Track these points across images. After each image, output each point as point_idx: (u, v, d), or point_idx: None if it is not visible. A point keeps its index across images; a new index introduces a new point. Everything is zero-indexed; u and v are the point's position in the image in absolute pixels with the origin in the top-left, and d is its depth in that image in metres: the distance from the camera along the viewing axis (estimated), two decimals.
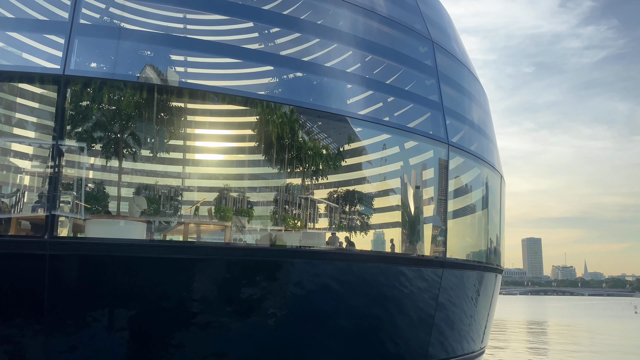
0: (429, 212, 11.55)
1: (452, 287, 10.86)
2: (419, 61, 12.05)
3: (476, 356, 12.60)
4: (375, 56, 11.28)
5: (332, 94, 10.43)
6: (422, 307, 10.18)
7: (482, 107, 14.24)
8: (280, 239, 9.70)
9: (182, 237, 8.97)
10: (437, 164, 11.35)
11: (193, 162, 12.49)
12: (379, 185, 11.68)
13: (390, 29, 11.38)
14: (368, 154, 11.35)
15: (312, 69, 10.28)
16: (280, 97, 9.88)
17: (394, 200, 11.46)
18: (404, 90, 11.72)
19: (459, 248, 11.95)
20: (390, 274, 9.76)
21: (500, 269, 13.84)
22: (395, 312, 9.80)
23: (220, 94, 9.32)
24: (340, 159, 10.71)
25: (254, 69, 10.67)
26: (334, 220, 11.09)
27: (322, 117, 10.11)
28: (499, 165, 14.33)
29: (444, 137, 11.07)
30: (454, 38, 13.98)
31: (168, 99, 9.20)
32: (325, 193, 11.29)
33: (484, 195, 13.37)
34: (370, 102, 11.06)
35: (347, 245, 10.51)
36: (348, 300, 9.11)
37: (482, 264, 12.64)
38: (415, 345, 10.31)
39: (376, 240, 11.27)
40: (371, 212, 11.22)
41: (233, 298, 8.07)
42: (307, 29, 10.52)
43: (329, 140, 10.91)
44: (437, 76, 11.64)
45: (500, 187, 14.16)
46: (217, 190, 10.46)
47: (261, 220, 10.53)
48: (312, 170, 10.71)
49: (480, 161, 12.62)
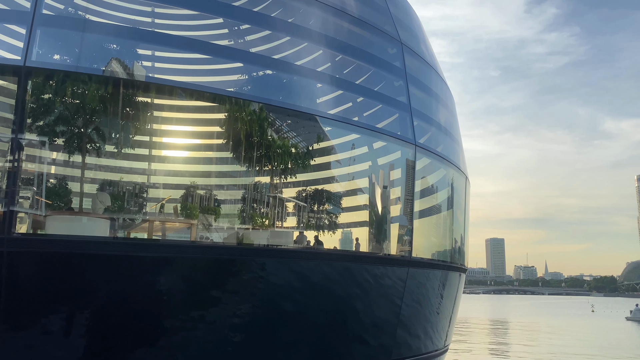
0: (396, 211, 11.68)
1: (417, 286, 11.02)
2: (388, 62, 12.17)
3: (439, 354, 12.81)
4: (345, 56, 11.33)
5: (301, 93, 10.41)
6: (387, 306, 10.30)
7: (449, 109, 14.49)
8: (247, 237, 9.63)
9: (146, 234, 8.81)
10: (405, 164, 11.49)
11: (159, 158, 12.27)
12: (347, 184, 11.73)
13: (360, 29, 11.45)
14: (337, 154, 11.38)
15: (282, 67, 10.25)
16: (250, 94, 9.80)
17: (362, 199, 11.54)
18: (373, 91, 11.81)
19: (424, 247, 12.13)
20: (357, 273, 9.83)
21: (464, 268, 14.11)
22: (361, 311, 9.88)
23: (188, 90, 9.19)
24: (309, 158, 10.70)
25: (223, 66, 10.56)
26: (302, 219, 11.08)
27: (291, 116, 10.09)
28: (464, 166, 14.61)
29: (411, 138, 11.22)
30: (423, 40, 14.17)
31: (134, 93, 9.01)
32: (294, 192, 11.27)
33: (450, 196, 13.61)
34: (339, 102, 11.10)
35: (316, 244, 10.52)
36: (315, 299, 9.13)
37: (446, 263, 12.87)
38: (380, 343, 10.42)
39: (344, 239, 11.32)
40: (339, 211, 11.26)
41: (199, 297, 7.97)
42: (278, 26, 10.48)
43: (298, 139, 10.89)
44: (406, 78, 11.78)
45: (465, 188, 14.44)
46: (183, 187, 10.31)
47: (228, 218, 10.42)
48: (280, 168, 10.66)
49: (446, 162, 12.84)
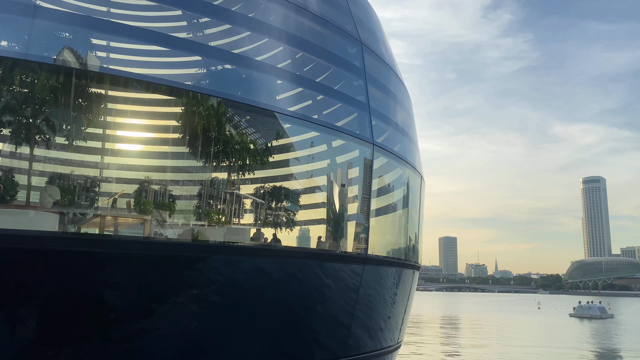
0: (353, 210, 11.79)
1: (372, 282, 11.17)
2: (348, 62, 12.26)
3: (393, 350, 13.04)
4: (305, 53, 11.34)
5: (261, 89, 10.35)
6: (343, 303, 10.39)
7: (407, 109, 14.74)
8: (203, 234, 9.50)
9: (97, 230, 8.56)
10: (363, 163, 11.61)
11: (112, 151, 11.91)
12: (305, 182, 11.74)
13: (321, 27, 11.48)
14: (296, 151, 11.37)
15: (242, 61, 10.15)
16: (208, 88, 9.66)
17: (320, 197, 11.58)
18: (332, 90, 11.87)
19: (380, 245, 12.32)
20: (313, 270, 9.87)
21: (417, 265, 14.40)
22: (318, 308, 9.93)
23: (143, 82, 8.97)
24: (267, 155, 10.64)
25: (180, 58, 10.35)
26: (260, 216, 11.01)
27: (250, 112, 10.01)
28: (420, 166, 14.91)
29: (369, 137, 11.35)
30: (382, 41, 14.35)
31: (87, 84, 8.72)
32: (252, 188, 11.18)
33: (405, 195, 13.85)
34: (299, 99, 11.10)
35: (273, 241, 10.49)
36: (271, 297, 9.11)
37: (401, 260, 13.10)
38: (335, 340, 10.50)
39: (302, 237, 11.34)
40: (297, 208, 11.26)
41: (152, 295, 7.82)
42: (238, 21, 10.37)
43: (256, 135, 10.81)
44: (365, 77, 11.90)
45: (421, 188, 14.73)
46: (137, 182, 10.07)
47: (183, 214, 10.23)
48: (238, 165, 10.55)
49: (402, 162, 13.06)
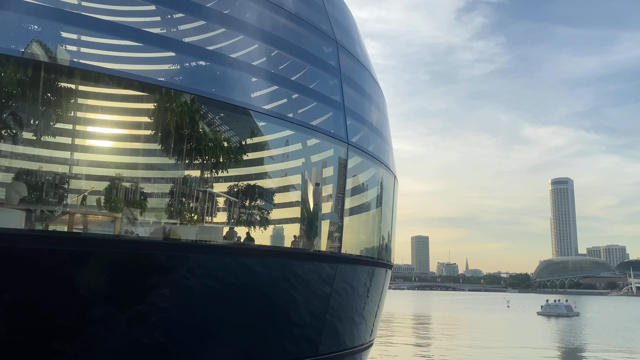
0: (327, 209, 11.81)
1: (346, 281, 11.22)
2: (324, 61, 12.27)
3: (365, 348, 13.12)
4: (280, 52, 11.30)
5: (235, 86, 10.26)
6: (316, 301, 10.40)
7: (381, 110, 14.84)
8: (174, 232, 9.36)
9: (66, 227, 8.36)
10: (337, 162, 11.64)
11: (82, 148, 11.63)
12: (280, 181, 11.70)
13: (296, 26, 11.46)
14: (270, 149, 11.32)
15: (216, 58, 10.05)
16: (181, 84, 9.53)
17: (294, 196, 11.56)
18: (308, 88, 11.86)
19: (353, 244, 12.37)
20: (287, 269, 9.85)
21: (390, 264, 14.52)
22: (291, 306, 9.91)
23: (115, 77, 8.78)
24: (241, 153, 10.56)
25: (154, 54, 10.17)
26: (233, 214, 10.93)
27: (224, 109, 9.91)
28: (394, 166, 15.04)
29: (344, 136, 11.38)
30: (358, 41, 14.40)
31: (56, 78, 8.50)
32: (225, 187, 11.08)
33: (379, 195, 13.95)
34: (274, 98, 11.05)
35: (246, 240, 10.42)
36: (244, 296, 9.05)
37: (374, 259, 13.19)
38: (308, 338, 10.51)
39: (275, 236, 11.29)
40: (271, 207, 11.21)
41: (122, 294, 7.68)
42: (213, 17, 10.26)
43: (231, 133, 10.72)
44: (340, 77, 11.93)
45: (394, 187, 14.86)
46: (107, 179, 9.87)
47: (155, 212, 10.08)
48: (212, 162, 10.45)
49: (377, 162, 13.15)
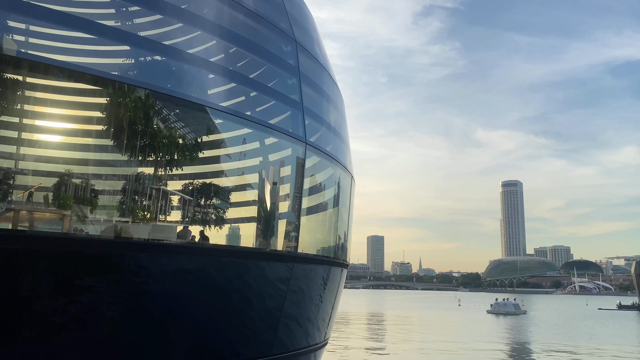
0: (284, 208, 11.77)
1: (302, 281, 11.22)
2: (283, 59, 12.22)
3: (319, 348, 13.17)
4: (239, 49, 11.17)
5: (192, 82, 10.08)
6: (271, 301, 10.36)
7: (339, 110, 14.92)
8: (126, 230, 9.10)
9: (11, 225, 7.98)
10: (295, 161, 11.62)
11: (30, 142, 11.12)
12: (236, 179, 11.57)
13: (255, 23, 11.36)
14: (227, 147, 11.17)
15: (173, 53, 9.83)
16: (136, 79, 9.28)
17: (251, 195, 11.45)
18: (266, 87, 11.79)
19: (310, 244, 12.39)
20: (242, 269, 9.76)
21: (346, 264, 14.63)
22: (244, 306, 9.83)
23: (66, 70, 8.45)
24: (197, 150, 10.36)
25: (107, 47, 9.84)
26: (188, 213, 10.72)
27: (180, 105, 9.71)
28: (351, 166, 15.16)
29: (302, 136, 11.38)
30: (317, 41, 14.43)
31: (2, 69, 8.10)
32: (180, 185, 10.85)
33: (336, 194, 14.03)
34: (232, 95, 10.92)
35: (201, 239, 10.26)
36: (197, 296, 8.91)
37: (330, 259, 13.25)
38: (263, 338, 10.45)
39: (231, 235, 11.16)
40: (227, 206, 11.07)
41: (70, 294, 7.41)
42: (169, 11, 10.03)
43: (186, 130, 10.51)
44: (299, 76, 11.92)
45: (351, 187, 14.98)
46: (56, 175, 9.48)
47: (106, 210, 9.74)
48: (166, 160, 10.21)
49: (334, 162, 13.21)
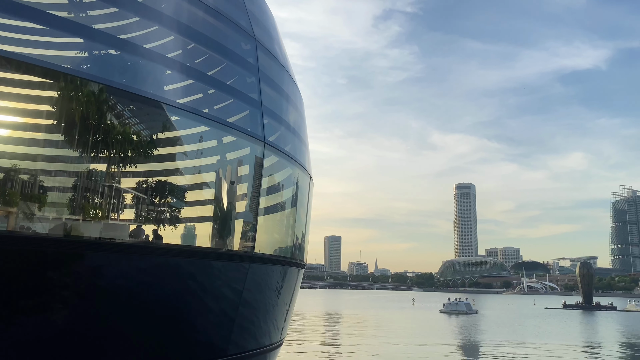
0: (241, 208, 11.68)
1: (258, 281, 11.16)
2: (242, 57, 12.11)
3: (275, 348, 13.14)
4: (197, 45, 11.00)
5: (148, 78, 9.85)
6: (226, 301, 10.26)
7: (299, 110, 14.93)
8: (76, 229, 8.80)
9: None
10: (253, 161, 11.54)
11: None
12: (192, 178, 11.39)
13: (214, 20, 11.22)
14: (183, 145, 10.98)
15: (128, 48, 9.58)
16: (89, 73, 8.99)
17: (208, 194, 11.30)
18: (225, 84, 11.65)
19: (267, 244, 12.33)
20: (197, 269, 9.62)
21: (303, 264, 14.65)
22: (199, 307, 9.70)
23: (14, 61, 8.09)
24: (152, 147, 10.12)
25: (59, 39, 9.50)
26: (141, 211, 10.47)
27: (135, 101, 9.46)
28: (310, 166, 15.19)
29: (261, 135, 11.31)
30: (277, 40, 14.39)
31: None
32: (134, 182, 10.58)
33: (294, 195, 14.02)
34: (189, 92, 10.73)
35: (154, 238, 10.04)
36: (151, 296, 8.73)
37: (287, 259, 13.23)
38: (217, 338, 10.34)
39: (186, 234, 10.98)
40: (182, 205, 10.88)
41: (16, 294, 7.11)
42: (125, 4, 9.77)
43: (141, 126, 10.25)
44: (258, 75, 11.85)
45: (309, 188, 15.01)
46: (2, 170, 9.08)
47: (55, 207, 9.40)
48: (119, 156, 9.93)
49: (293, 161, 13.20)
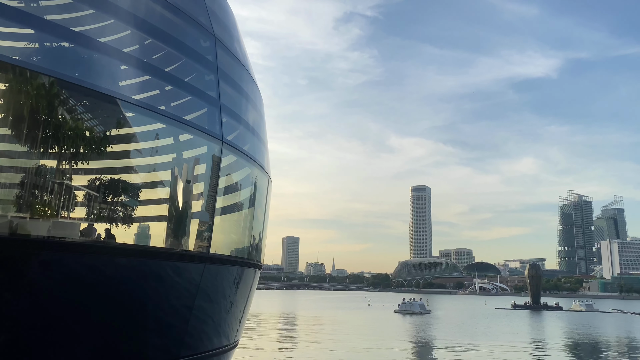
0: (197, 207, 11.52)
1: (213, 282, 11.04)
2: (200, 55, 11.95)
3: (229, 349, 13.03)
4: (155, 41, 10.78)
5: (103, 72, 9.57)
6: (181, 302, 10.10)
7: (258, 109, 14.85)
8: (23, 227, 8.44)
9: None
10: (211, 160, 11.40)
11: None
12: (147, 176, 11.14)
13: (173, 16, 11.02)
14: (138, 142, 10.73)
15: (82, 41, 9.28)
16: (40, 65, 8.66)
17: (163, 193, 11.09)
18: (182, 81, 11.46)
19: (223, 244, 12.20)
20: (150, 269, 9.43)
21: (260, 264, 14.58)
22: (153, 307, 9.51)
23: None
24: (105, 144, 9.85)
25: (8, 29, 9.10)
26: (93, 210, 10.15)
27: (89, 96, 9.18)
28: (269, 166, 15.14)
29: (219, 134, 11.19)
30: (237, 39, 14.27)
31: None
32: (85, 179, 10.26)
33: (252, 195, 13.93)
34: (145, 88, 10.50)
35: (107, 237, 9.76)
36: (102, 297, 8.49)
37: (243, 259, 13.14)
38: (171, 339, 10.16)
39: (140, 234, 10.73)
40: (137, 203, 10.63)
41: None
42: None
43: (94, 122, 9.94)
44: (217, 73, 11.72)
45: (268, 188, 14.95)
46: None
47: (1, 204, 9.02)
48: (71, 152, 9.60)
49: (251, 161, 13.12)
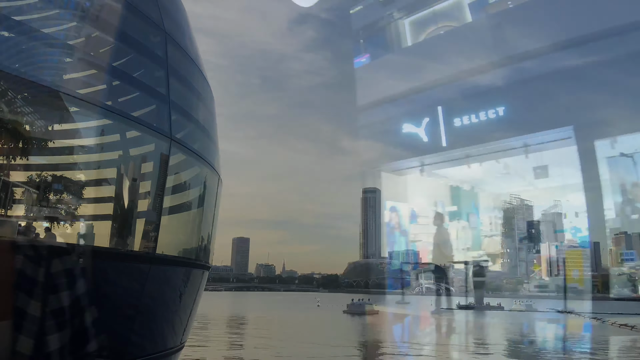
0: (144, 206, 11.25)
1: (159, 283, 10.81)
2: (150, 50, 11.68)
3: (176, 351, 12.78)
4: (102, 34, 10.46)
5: (45, 65, 9.24)
6: (125, 303, 9.83)
7: (209, 108, 14.66)
8: None
9: None
10: (158, 158, 11.17)
11: None
12: (91, 173, 10.83)
13: (122, 9, 10.72)
14: (82, 138, 10.41)
15: (23, 31, 8.91)
16: None
17: (107, 191, 10.80)
18: (130, 77, 11.19)
19: (170, 244, 11.96)
20: (92, 270, 9.12)
21: (208, 265, 14.38)
22: (95, 309, 9.21)
23: None
24: (47, 139, 9.51)
25: None
26: (32, 208, 9.77)
27: (29, 88, 8.82)
28: (219, 166, 14.96)
29: (167, 131, 10.97)
30: (189, 35, 14.04)
31: None
32: (24, 176, 9.86)
33: (201, 194, 13.73)
34: (91, 82, 10.20)
35: (47, 237, 9.41)
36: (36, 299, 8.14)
37: (190, 260, 12.92)
38: (114, 341, 9.85)
39: (83, 233, 10.42)
40: (79, 202, 10.30)
41: None
42: None
43: (35, 116, 9.57)
44: (167, 69, 11.50)
45: (218, 188, 14.77)
46: None
47: None
48: (9, 147, 9.20)
49: (201, 160, 12.93)
